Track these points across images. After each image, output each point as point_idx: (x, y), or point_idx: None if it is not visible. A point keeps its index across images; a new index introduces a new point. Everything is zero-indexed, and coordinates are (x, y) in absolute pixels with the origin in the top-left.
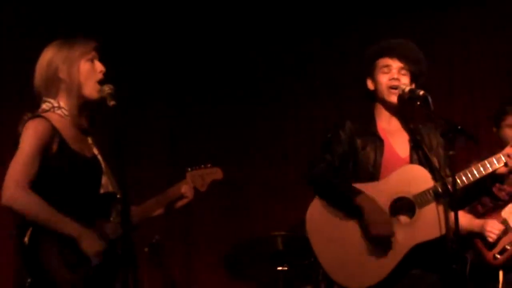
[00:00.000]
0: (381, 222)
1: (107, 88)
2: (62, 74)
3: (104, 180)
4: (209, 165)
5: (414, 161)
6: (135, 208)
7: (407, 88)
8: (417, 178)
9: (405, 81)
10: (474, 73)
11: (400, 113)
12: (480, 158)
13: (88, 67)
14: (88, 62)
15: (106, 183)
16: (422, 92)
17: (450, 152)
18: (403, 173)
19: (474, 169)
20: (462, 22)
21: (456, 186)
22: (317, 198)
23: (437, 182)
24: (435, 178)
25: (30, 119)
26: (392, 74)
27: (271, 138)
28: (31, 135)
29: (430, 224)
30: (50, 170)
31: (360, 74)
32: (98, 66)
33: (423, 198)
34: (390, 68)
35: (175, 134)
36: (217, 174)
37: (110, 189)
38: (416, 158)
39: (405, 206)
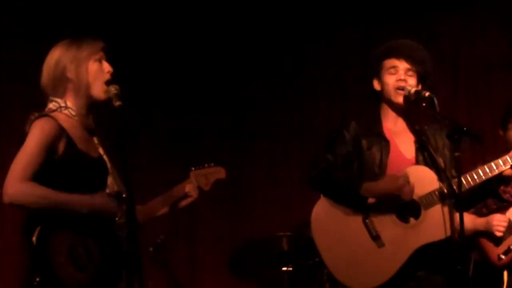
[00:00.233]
0: (391, 181)
1: (113, 88)
2: (70, 73)
3: (109, 180)
4: (212, 164)
5: (419, 162)
6: (140, 207)
7: (413, 89)
8: (422, 179)
9: (412, 82)
10: (479, 75)
11: (406, 114)
12: (484, 161)
13: (96, 67)
14: (96, 62)
15: (111, 183)
16: (428, 93)
17: (456, 153)
18: (409, 174)
19: (480, 170)
20: (467, 22)
21: (461, 188)
22: (322, 198)
23: (442, 184)
24: (441, 179)
25: (37, 119)
26: (399, 75)
27: (276, 137)
28: (37, 134)
29: (435, 225)
30: (56, 170)
31: (366, 74)
32: (106, 67)
33: (429, 200)
34: (397, 69)
35: (177, 134)
36: (220, 173)
37: (116, 189)
38: (421, 159)
39: (410, 207)
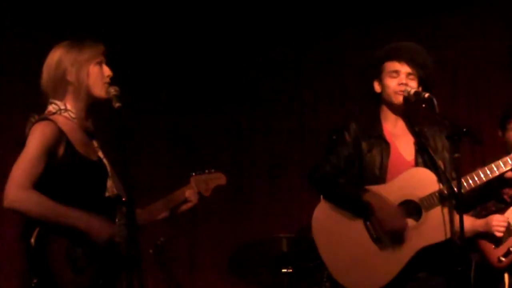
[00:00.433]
0: (393, 217)
1: (113, 90)
2: (70, 77)
3: (109, 183)
4: (212, 170)
5: (419, 164)
6: (140, 211)
7: (413, 90)
8: (423, 181)
9: (412, 85)
10: (478, 76)
11: (405, 116)
12: (484, 163)
13: (97, 71)
14: (97, 66)
15: (111, 186)
16: (427, 94)
17: (456, 154)
18: (410, 176)
19: (481, 172)
20: (467, 23)
21: (461, 189)
22: (323, 200)
23: (443, 185)
24: (441, 181)
25: (37, 122)
26: (400, 79)
27: (276, 139)
28: (37, 138)
29: (436, 227)
30: (56, 173)
31: (366, 76)
32: (106, 70)
33: (429, 201)
34: (398, 73)
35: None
36: (221, 179)
37: (115, 192)
38: (421, 161)
39: (411, 209)
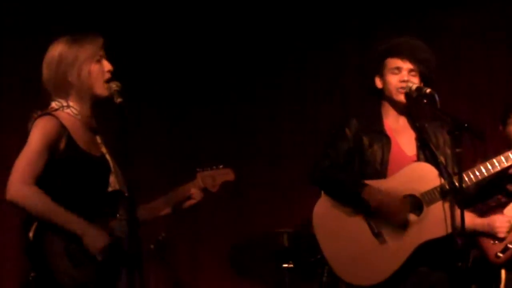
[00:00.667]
0: (398, 208)
1: (114, 85)
2: (71, 78)
3: (111, 178)
4: (221, 166)
5: (421, 159)
6: (143, 206)
7: (414, 86)
8: (424, 176)
9: (414, 81)
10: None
11: (407, 111)
12: (485, 158)
13: (97, 68)
14: (97, 64)
15: (113, 182)
16: (429, 90)
17: (457, 149)
18: (411, 171)
19: (482, 167)
20: (467, 21)
21: (463, 184)
22: (324, 195)
23: (444, 180)
24: (443, 176)
25: (39, 117)
26: (402, 76)
27: (277, 136)
28: (39, 133)
29: (437, 222)
30: (58, 168)
31: (368, 71)
32: (106, 65)
33: (431, 196)
34: (400, 69)
35: (177, 131)
36: (228, 175)
37: (118, 187)
38: (423, 157)
39: (413, 204)
